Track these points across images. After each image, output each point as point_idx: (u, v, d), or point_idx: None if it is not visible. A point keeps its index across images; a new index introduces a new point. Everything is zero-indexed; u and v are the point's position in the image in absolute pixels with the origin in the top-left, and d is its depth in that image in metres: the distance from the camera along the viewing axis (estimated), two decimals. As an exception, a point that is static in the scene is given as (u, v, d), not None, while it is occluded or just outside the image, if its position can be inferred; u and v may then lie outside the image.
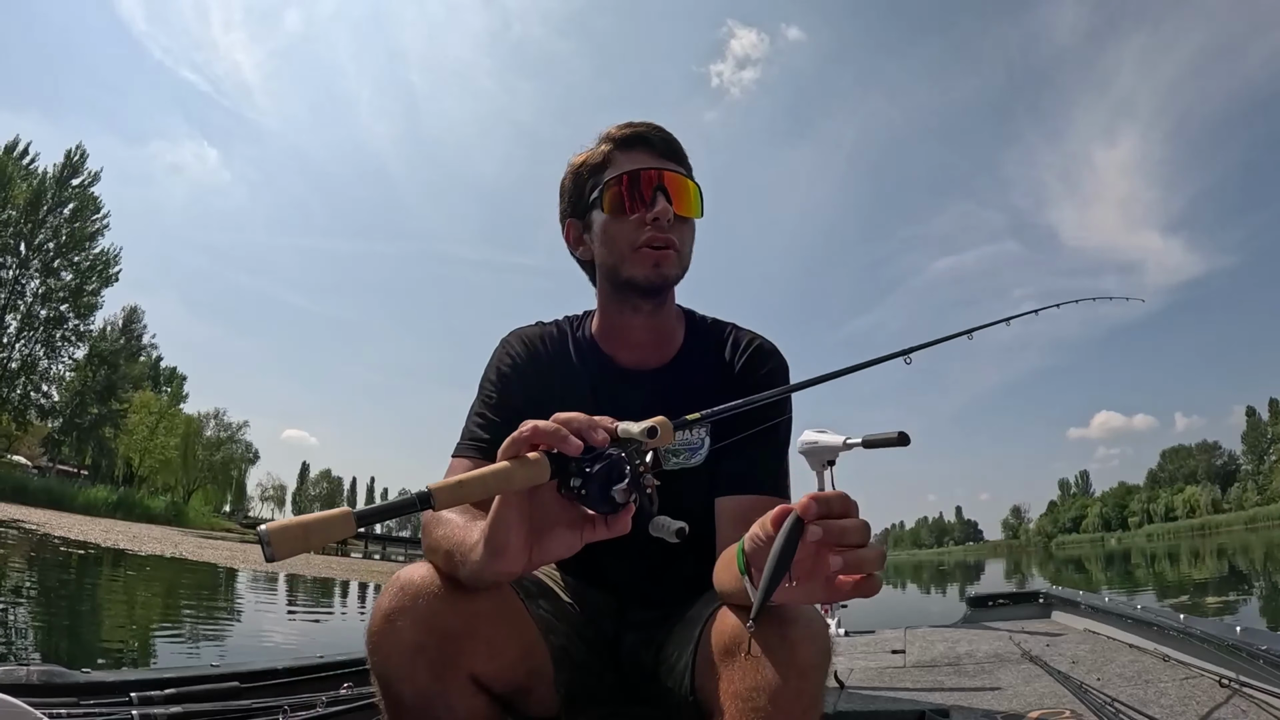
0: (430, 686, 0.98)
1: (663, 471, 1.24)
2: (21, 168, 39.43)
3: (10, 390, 40.64)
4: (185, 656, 5.61)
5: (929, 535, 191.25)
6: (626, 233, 1.26)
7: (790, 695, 0.89)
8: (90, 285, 42.03)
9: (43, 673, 1.75)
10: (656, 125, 1.33)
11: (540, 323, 1.43)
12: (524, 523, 0.89)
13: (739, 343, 1.36)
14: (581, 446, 0.83)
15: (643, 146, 1.30)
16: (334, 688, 2.08)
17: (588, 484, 0.83)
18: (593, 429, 0.84)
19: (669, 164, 1.30)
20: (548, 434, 0.83)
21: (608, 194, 1.27)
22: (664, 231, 1.24)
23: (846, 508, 0.77)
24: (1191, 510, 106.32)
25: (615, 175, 1.27)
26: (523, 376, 1.34)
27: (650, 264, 1.25)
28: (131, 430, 51.76)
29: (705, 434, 1.29)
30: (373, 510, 0.74)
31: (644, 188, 1.25)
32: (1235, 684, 2.28)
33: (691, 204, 1.29)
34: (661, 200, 1.24)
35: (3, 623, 6.13)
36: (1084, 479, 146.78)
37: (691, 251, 1.32)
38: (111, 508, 35.93)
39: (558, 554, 0.91)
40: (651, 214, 1.24)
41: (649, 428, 0.83)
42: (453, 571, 0.99)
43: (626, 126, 1.31)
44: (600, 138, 1.34)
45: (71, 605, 7.84)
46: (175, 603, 9.62)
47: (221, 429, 68.95)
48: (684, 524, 0.86)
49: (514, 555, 0.90)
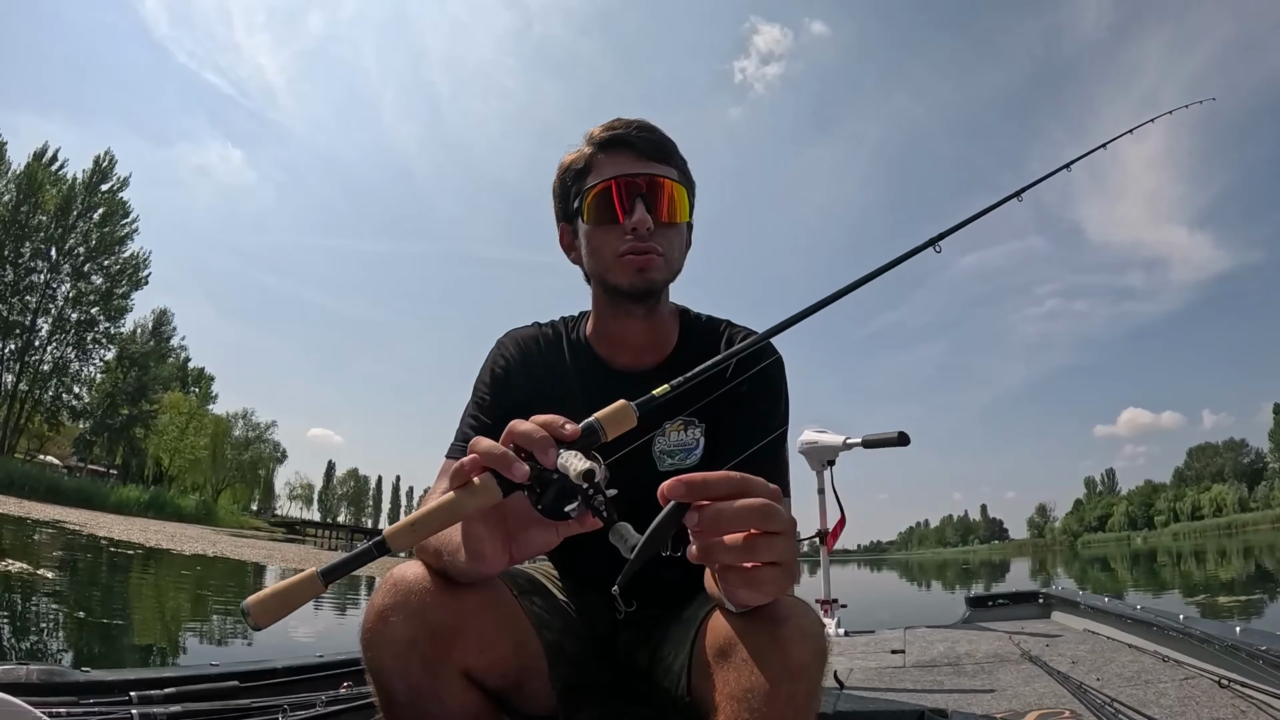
0: (423, 681, 0.99)
1: (658, 473, 1.25)
2: (51, 174, 40.12)
3: (43, 392, 41.41)
4: (240, 650, 5.74)
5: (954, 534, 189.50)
6: (609, 242, 1.23)
7: (784, 696, 0.88)
8: (120, 289, 42.86)
9: (43, 672, 1.75)
10: (642, 123, 1.27)
11: (536, 324, 1.42)
12: (496, 529, 0.90)
13: (733, 339, 1.33)
14: (528, 472, 0.80)
15: (623, 149, 1.25)
16: (333, 687, 2.08)
17: (541, 500, 0.83)
18: (544, 449, 0.80)
19: (652, 167, 1.25)
20: (493, 459, 0.81)
21: (588, 203, 1.24)
22: (645, 240, 1.21)
23: (732, 489, 0.75)
24: (1218, 509, 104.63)
25: (595, 183, 1.24)
26: (516, 378, 1.33)
27: (633, 270, 1.22)
28: (162, 431, 52.58)
29: (700, 435, 1.27)
30: (336, 565, 0.77)
31: (624, 195, 1.22)
32: (1235, 684, 2.28)
33: (675, 208, 1.25)
34: (640, 208, 1.20)
35: (113, 626, 6.39)
36: (1110, 477, 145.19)
37: (683, 254, 1.29)
38: (143, 507, 36.47)
39: (538, 549, 0.92)
40: (630, 224, 1.21)
41: (586, 470, 0.78)
42: (443, 569, 0.99)
43: (609, 127, 1.27)
44: (585, 138, 1.30)
45: (160, 605, 8.35)
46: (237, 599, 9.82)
47: (250, 429, 69.93)
48: (641, 538, 0.82)
49: (493, 558, 0.91)
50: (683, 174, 1.29)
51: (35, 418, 41.63)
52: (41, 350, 40.89)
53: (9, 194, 38.66)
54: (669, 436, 1.28)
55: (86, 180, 41.30)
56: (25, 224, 38.84)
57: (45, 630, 5.79)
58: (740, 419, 1.22)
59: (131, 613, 7.44)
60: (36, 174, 39.26)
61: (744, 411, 1.24)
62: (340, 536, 50.39)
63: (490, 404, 1.31)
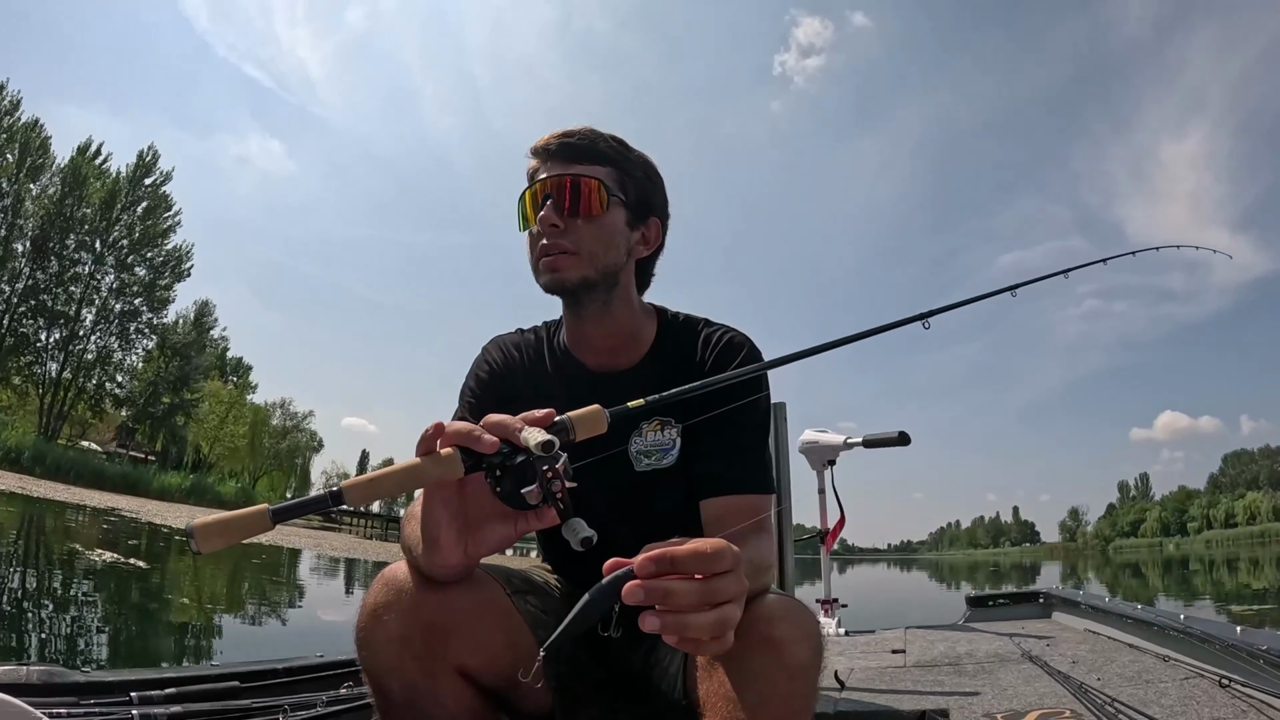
0: (418, 679, 1.00)
1: (635, 474, 1.27)
2: (95, 168, 41.01)
3: (86, 380, 42.44)
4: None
5: (985, 535, 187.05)
6: (530, 245, 1.26)
7: (781, 696, 0.88)
8: (163, 280, 43.67)
9: (42, 672, 1.73)
10: (570, 130, 1.27)
11: (520, 330, 1.44)
12: (454, 518, 0.92)
13: (710, 338, 1.32)
14: (496, 444, 0.82)
15: (544, 158, 1.27)
16: (334, 688, 2.08)
17: (501, 482, 0.84)
18: (513, 431, 0.83)
19: (570, 168, 1.24)
20: (456, 434, 0.83)
21: (518, 211, 1.27)
22: (553, 239, 1.22)
23: (700, 565, 0.73)
24: (1252, 517, 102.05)
25: (521, 192, 1.28)
26: (500, 382, 1.36)
27: (547, 270, 1.23)
28: (203, 419, 53.51)
29: (676, 434, 1.26)
30: (288, 506, 0.79)
31: (534, 199, 1.24)
32: (1236, 684, 2.27)
33: (586, 202, 1.23)
34: (547, 208, 1.22)
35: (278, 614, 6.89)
36: (1144, 482, 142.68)
37: (614, 247, 1.26)
38: (185, 493, 37.31)
39: (494, 545, 0.93)
40: (535, 224, 1.24)
41: (545, 441, 0.80)
42: (415, 565, 1.01)
43: (543, 138, 1.28)
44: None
45: (272, 595, 9.03)
46: (318, 581, 11.22)
47: (288, 418, 70.64)
48: (593, 533, 0.82)
49: (447, 548, 0.92)
50: (620, 169, 1.28)
51: (79, 405, 42.65)
52: (85, 339, 41.88)
53: (54, 187, 39.60)
54: (645, 437, 1.28)
55: (130, 174, 42.15)
56: (70, 216, 39.72)
57: (199, 628, 6.15)
58: (716, 419, 1.19)
59: (245, 601, 7.98)
60: (81, 168, 40.15)
61: (718, 409, 1.22)
62: (375, 525, 50.84)
63: (475, 408, 1.32)
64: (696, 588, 0.73)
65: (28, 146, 38.40)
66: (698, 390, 1.06)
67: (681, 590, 0.72)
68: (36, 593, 6.51)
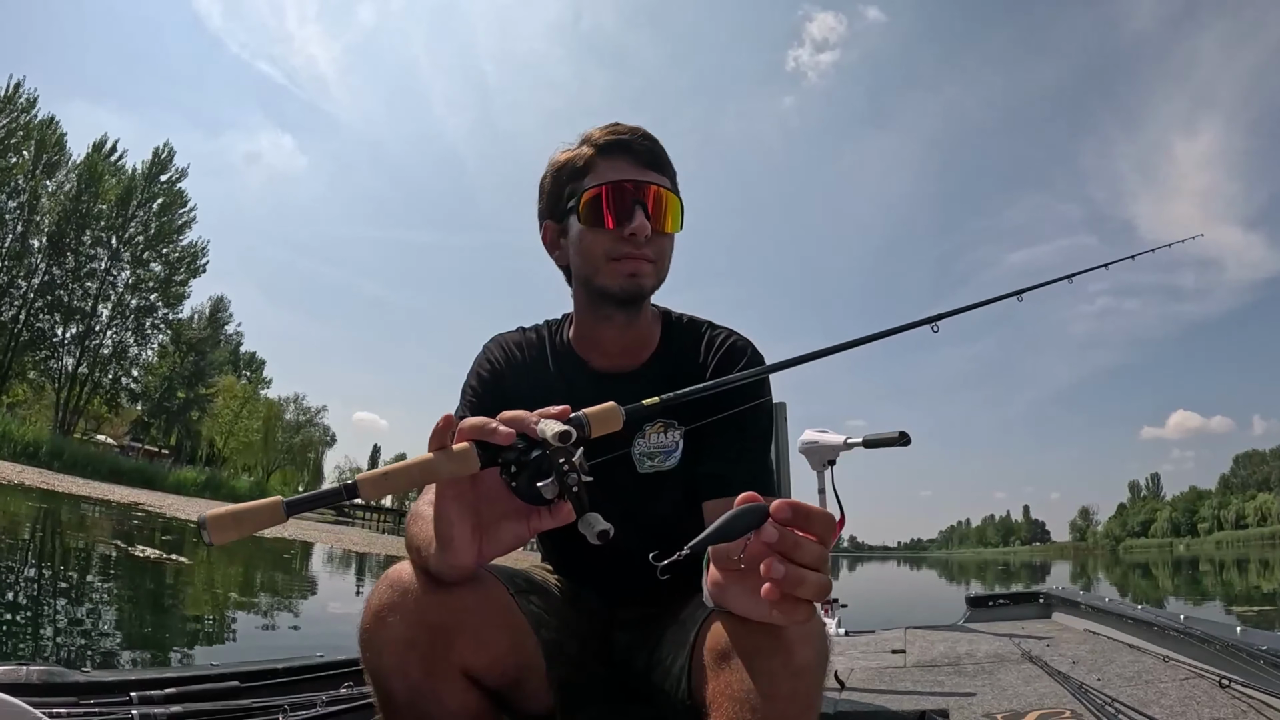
0: (421, 681, 0.99)
1: (638, 475, 1.29)
2: (110, 165, 41.24)
3: (102, 375, 42.72)
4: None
5: (995, 534, 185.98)
6: (602, 244, 1.23)
7: (787, 696, 0.87)
8: (179, 276, 43.77)
9: (42, 672, 1.72)
10: (642, 131, 1.27)
11: (521, 328, 1.43)
12: (467, 516, 0.91)
13: (713, 341, 1.33)
14: (512, 435, 0.83)
15: (623, 154, 1.25)
16: (334, 688, 2.07)
17: (516, 477, 0.84)
18: (528, 424, 0.83)
19: (650, 175, 1.25)
20: (470, 428, 0.83)
21: (585, 204, 1.23)
22: (640, 247, 1.22)
23: (823, 529, 0.75)
24: (1263, 518, 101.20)
25: (593, 184, 1.23)
26: (502, 381, 1.34)
27: (625, 274, 1.22)
28: (217, 414, 53.76)
29: (679, 436, 1.26)
30: (302, 499, 0.79)
31: (623, 201, 1.21)
32: (1235, 684, 2.28)
33: (671, 218, 1.25)
34: (639, 215, 1.21)
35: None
36: (1154, 481, 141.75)
37: (669, 263, 1.29)
38: (200, 488, 37.21)
39: (508, 544, 0.93)
40: (629, 230, 1.21)
41: (562, 431, 0.81)
42: (424, 566, 0.99)
43: (610, 130, 1.26)
44: (581, 138, 1.29)
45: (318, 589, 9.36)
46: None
47: (301, 413, 70.99)
48: (610, 526, 0.83)
49: (461, 547, 0.92)
50: (674, 186, 1.30)
51: (95, 400, 42.97)
52: (101, 335, 42.12)
53: (70, 184, 39.83)
54: (649, 439, 1.28)
55: (146, 171, 42.36)
56: (86, 213, 39.93)
57: (266, 624, 6.20)
58: (720, 422, 1.20)
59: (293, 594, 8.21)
60: (97, 165, 40.40)
61: (721, 411, 1.22)
62: (388, 520, 51.03)
63: (477, 406, 1.31)
64: (818, 549, 0.74)
65: (44, 144, 38.57)
66: (709, 390, 1.08)
67: (807, 546, 0.74)
68: (89, 589, 6.57)
